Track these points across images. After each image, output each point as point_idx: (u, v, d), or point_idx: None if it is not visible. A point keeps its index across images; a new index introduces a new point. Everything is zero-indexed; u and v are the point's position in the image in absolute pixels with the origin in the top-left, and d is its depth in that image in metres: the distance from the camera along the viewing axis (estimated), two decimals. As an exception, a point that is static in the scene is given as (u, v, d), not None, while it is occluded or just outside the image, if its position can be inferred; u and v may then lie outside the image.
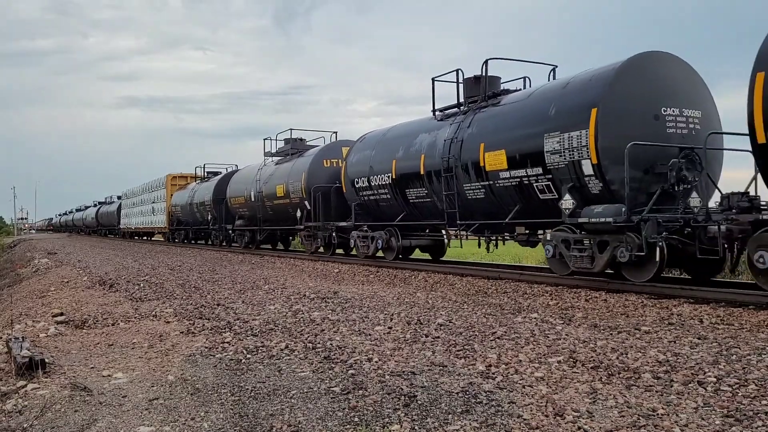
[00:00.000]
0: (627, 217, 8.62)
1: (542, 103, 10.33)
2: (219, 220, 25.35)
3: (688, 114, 9.44)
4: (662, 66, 9.48)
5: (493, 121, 11.38)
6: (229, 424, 3.67)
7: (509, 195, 10.97)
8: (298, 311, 7.62)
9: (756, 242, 7.26)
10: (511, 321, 6.60)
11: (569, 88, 10.00)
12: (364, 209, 15.60)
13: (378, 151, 14.74)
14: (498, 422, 3.49)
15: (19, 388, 4.53)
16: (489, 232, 11.96)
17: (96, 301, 9.39)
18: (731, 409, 3.57)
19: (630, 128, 8.95)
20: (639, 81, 9.24)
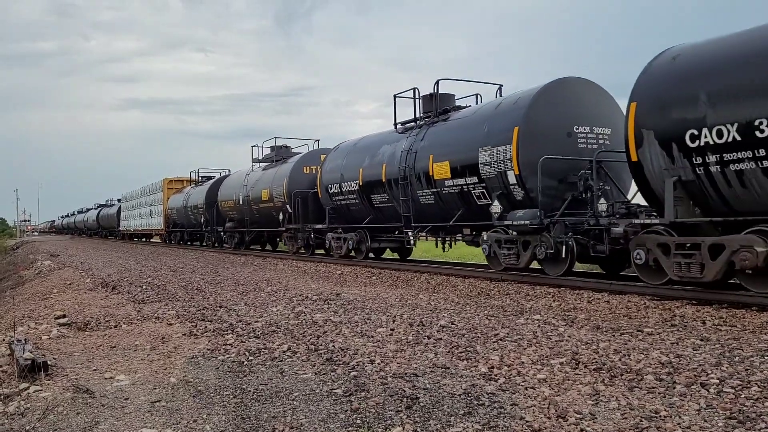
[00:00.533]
0: (540, 220, 10.13)
1: (479, 121, 11.88)
2: (211, 222, 26.54)
3: (598, 131, 10.99)
4: (575, 89, 11.04)
5: (441, 135, 12.87)
6: (231, 426, 3.68)
7: (453, 201, 12.46)
8: (301, 313, 7.63)
9: (636, 242, 8.74)
10: (513, 322, 6.59)
11: (499, 109, 11.53)
12: (337, 213, 16.91)
13: (348, 160, 16.10)
14: (500, 424, 3.48)
15: (21, 390, 4.54)
16: (443, 234, 13.34)
17: (98, 303, 9.41)
18: (734, 410, 3.56)
19: (546, 144, 10.46)
20: (554, 103, 10.79)
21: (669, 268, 8.31)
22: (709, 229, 8.19)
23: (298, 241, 18.77)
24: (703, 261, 7.85)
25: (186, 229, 31.55)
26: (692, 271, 7.97)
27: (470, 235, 12.59)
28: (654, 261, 8.50)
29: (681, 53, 8.46)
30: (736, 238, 7.55)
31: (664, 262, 8.37)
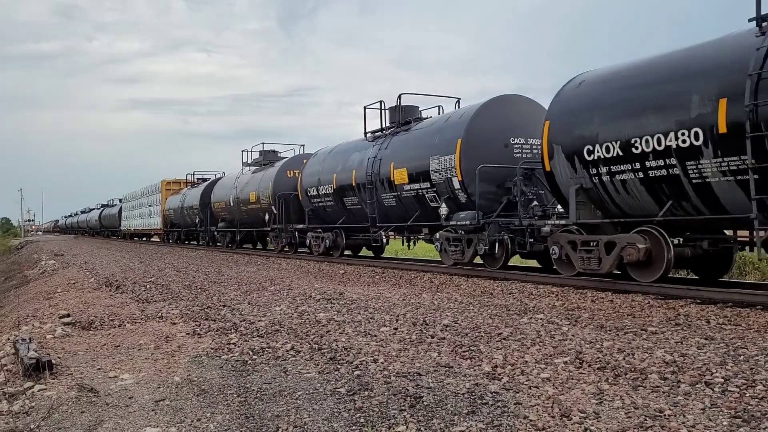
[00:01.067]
0: (478, 220, 11.61)
1: (432, 133, 13.35)
2: (205, 222, 28.02)
3: (532, 142, 12.29)
4: (512, 105, 12.51)
5: (402, 144, 14.35)
6: (235, 425, 3.68)
7: (411, 203, 13.97)
8: (304, 312, 7.63)
9: (551, 239, 10.23)
10: (517, 322, 6.59)
11: (448, 122, 13.06)
12: (316, 214, 18.41)
13: (324, 165, 17.59)
14: (504, 423, 3.48)
15: (26, 389, 4.55)
16: (407, 233, 14.92)
17: (103, 302, 9.43)
18: (739, 409, 3.55)
19: (485, 154, 11.89)
20: (493, 118, 12.23)
21: (576, 261, 9.73)
22: (608, 228, 9.55)
23: (283, 240, 20.30)
24: (600, 255, 9.26)
25: (182, 229, 32.94)
26: (592, 264, 9.38)
27: (428, 234, 14.00)
28: (566, 255, 9.93)
29: (585, 80, 9.97)
30: (624, 236, 8.96)
31: (572, 256, 9.81)
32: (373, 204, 15.09)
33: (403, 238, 15.24)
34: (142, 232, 41.97)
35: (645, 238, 8.72)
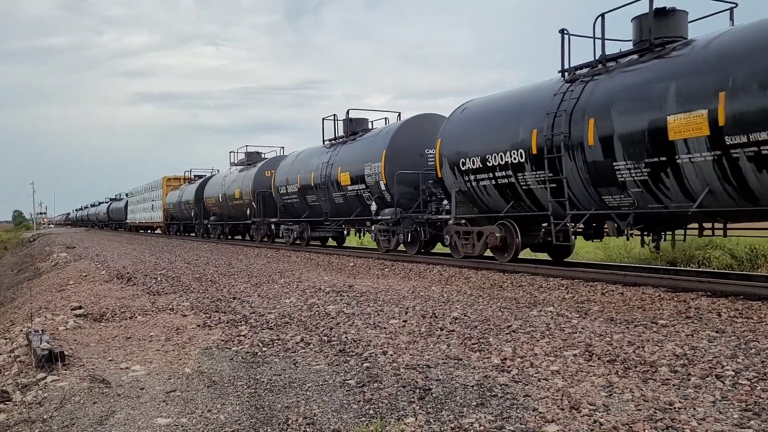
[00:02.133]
0: (396, 216, 14.59)
1: (368, 144, 16.11)
2: (199, 216, 31.05)
3: None
4: (428, 122, 15.15)
5: (347, 152, 17.09)
6: (246, 416, 3.70)
7: (354, 201, 16.71)
8: (314, 305, 7.66)
9: (445, 230, 13.16)
10: (526, 314, 6.58)
11: (379, 135, 15.92)
12: (285, 209, 21.12)
13: (292, 167, 20.35)
14: (513, 415, 3.48)
15: (39, 380, 4.60)
16: (357, 225, 17.70)
17: (114, 294, 9.50)
18: (749, 402, 3.53)
19: (404, 162, 14.76)
20: (411, 133, 15.09)
21: (460, 247, 12.67)
22: (482, 221, 12.38)
23: (261, 231, 23.29)
24: (474, 242, 12.30)
25: (181, 222, 35.93)
26: (468, 249, 12.44)
27: (369, 227, 16.67)
28: (454, 242, 12.88)
29: (467, 107, 12.87)
30: (487, 227, 11.96)
31: (458, 243, 12.77)
32: (327, 201, 17.93)
33: (354, 231, 18.27)
34: (145, 225, 44.72)
35: (501, 228, 11.68)
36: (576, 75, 10.28)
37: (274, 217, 21.81)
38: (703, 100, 7.88)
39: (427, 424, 3.40)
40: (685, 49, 8.60)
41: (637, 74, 9.02)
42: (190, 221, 33.07)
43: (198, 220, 31.30)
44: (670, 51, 8.83)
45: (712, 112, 7.74)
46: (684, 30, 9.33)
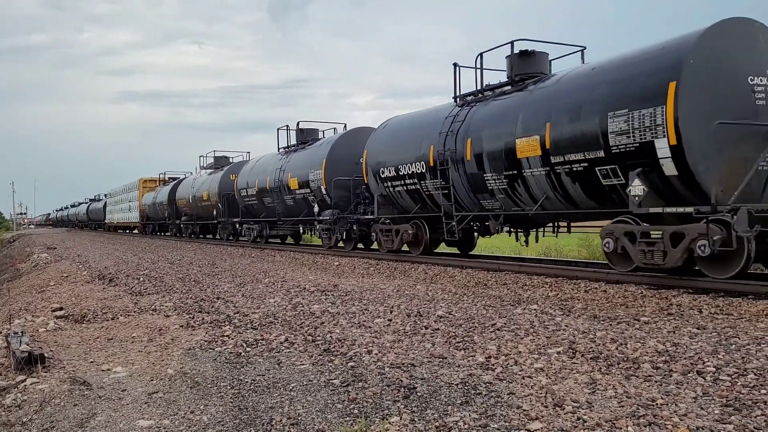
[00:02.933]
0: (334, 217, 16.83)
1: (312, 153, 18.40)
2: (172, 216, 33.30)
3: None
4: (364, 134, 16.73)
5: (297, 159, 19.35)
6: (229, 417, 3.68)
7: (302, 204, 19.07)
8: (298, 304, 7.62)
9: (372, 228, 15.48)
10: (510, 312, 6.60)
11: (321, 146, 18.14)
12: (247, 210, 23.48)
13: (252, 171, 22.65)
14: (497, 413, 3.49)
15: (18, 382, 4.53)
16: (308, 225, 19.70)
17: (95, 295, 9.39)
18: (730, 398, 3.57)
19: (341, 169, 16.86)
20: (349, 143, 17.09)
21: (384, 242, 14.91)
22: (400, 220, 14.52)
23: (226, 231, 25.73)
24: (393, 238, 14.51)
25: (156, 222, 38.27)
26: (389, 244, 14.65)
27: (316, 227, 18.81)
28: (379, 239, 15.13)
29: (388, 124, 15.12)
30: (403, 226, 14.14)
31: (382, 239, 15.02)
32: (280, 203, 20.29)
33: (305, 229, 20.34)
34: (123, 225, 46.93)
35: (413, 226, 13.92)
36: (465, 101, 12.42)
37: (237, 217, 24.23)
38: (537, 128, 10.07)
39: (412, 423, 3.40)
40: (535, 86, 10.76)
41: (502, 103, 11.24)
42: (164, 221, 35.51)
43: (171, 220, 33.72)
44: (527, 86, 10.98)
45: (542, 137, 9.94)
46: (545, 67, 11.46)
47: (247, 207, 23.13)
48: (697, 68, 8.01)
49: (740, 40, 8.35)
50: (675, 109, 7.95)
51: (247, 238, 23.48)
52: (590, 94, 9.31)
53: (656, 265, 8.40)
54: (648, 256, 8.47)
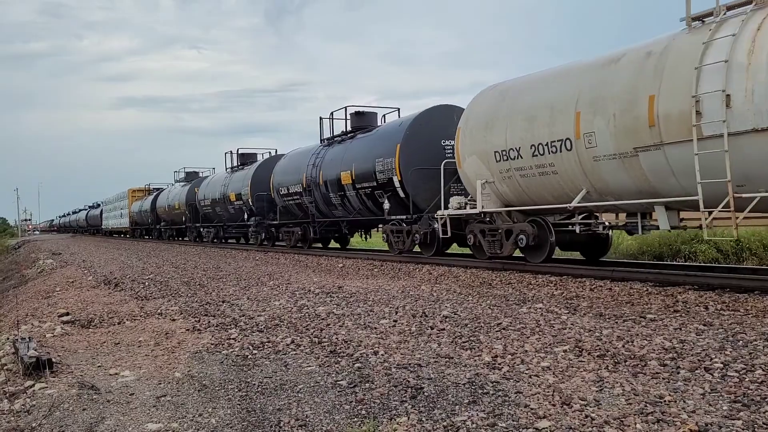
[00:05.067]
0: (256, 222, 22.19)
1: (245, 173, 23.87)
2: (154, 222, 39.30)
3: None
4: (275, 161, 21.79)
5: (235, 178, 24.83)
6: (237, 419, 3.69)
7: (239, 212, 24.04)
8: (304, 306, 7.63)
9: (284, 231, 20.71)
10: (516, 312, 6.60)
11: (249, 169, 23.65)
12: (205, 216, 29.16)
13: (207, 186, 28.59)
14: (505, 412, 3.49)
15: (26, 387, 4.55)
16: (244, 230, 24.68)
17: (101, 300, 9.42)
18: (738, 394, 3.57)
19: (261, 187, 21.75)
20: (265, 169, 22.14)
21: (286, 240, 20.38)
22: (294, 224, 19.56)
23: (192, 234, 31.69)
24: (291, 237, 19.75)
25: (142, 227, 43.81)
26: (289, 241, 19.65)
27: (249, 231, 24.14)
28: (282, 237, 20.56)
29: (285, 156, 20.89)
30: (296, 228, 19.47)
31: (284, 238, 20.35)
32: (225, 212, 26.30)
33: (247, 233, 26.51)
34: (117, 230, 52.19)
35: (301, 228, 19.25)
36: (324, 143, 18.06)
37: (198, 222, 30.34)
38: (350, 165, 15.79)
39: (420, 423, 3.40)
40: (360, 136, 16.32)
41: (339, 147, 17.04)
42: (149, 226, 41.16)
43: (153, 225, 39.54)
44: (356, 135, 16.60)
45: (352, 171, 15.67)
46: (374, 122, 16.95)
47: (206, 214, 28.89)
48: (410, 137, 13.83)
49: (440, 119, 13.95)
50: (399, 160, 13.82)
51: (207, 239, 29.50)
52: (371, 146, 15.20)
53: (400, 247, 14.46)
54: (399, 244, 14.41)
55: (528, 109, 10.21)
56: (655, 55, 8.20)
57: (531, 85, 10.63)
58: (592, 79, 9.13)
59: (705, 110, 7.40)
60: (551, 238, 10.36)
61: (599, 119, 8.80)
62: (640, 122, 8.21)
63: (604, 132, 8.74)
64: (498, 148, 10.70)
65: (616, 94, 8.59)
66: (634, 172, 8.50)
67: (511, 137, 10.41)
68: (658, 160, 8.08)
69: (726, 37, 7.36)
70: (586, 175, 9.24)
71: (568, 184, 9.62)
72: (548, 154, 9.71)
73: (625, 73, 8.55)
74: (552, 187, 9.96)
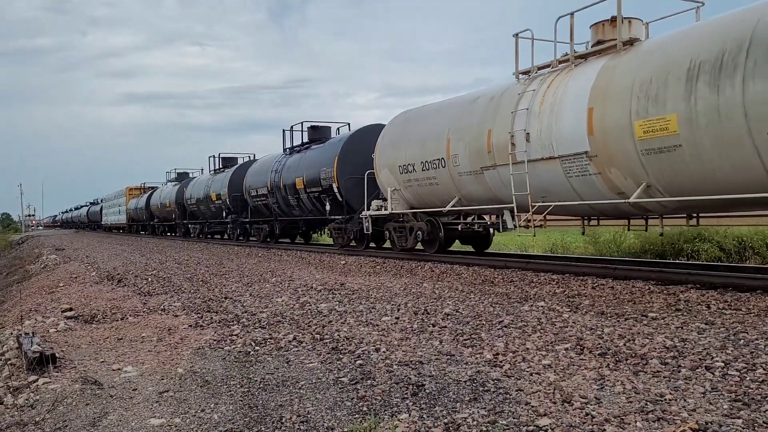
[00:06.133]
0: (232, 219, 25.92)
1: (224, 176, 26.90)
2: (148, 218, 42.49)
3: None
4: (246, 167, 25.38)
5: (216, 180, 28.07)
6: (239, 415, 3.70)
7: (219, 210, 27.37)
8: (306, 303, 7.65)
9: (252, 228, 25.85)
10: (518, 309, 6.61)
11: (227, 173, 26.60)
12: (192, 214, 32.49)
13: (192, 187, 31.98)
14: (506, 410, 3.50)
15: (30, 382, 4.58)
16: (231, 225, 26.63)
17: (105, 296, 9.45)
18: (739, 393, 3.57)
19: (236, 189, 25.01)
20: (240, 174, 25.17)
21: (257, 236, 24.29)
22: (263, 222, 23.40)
23: (181, 230, 35.20)
24: (260, 233, 23.59)
25: (138, 223, 46.71)
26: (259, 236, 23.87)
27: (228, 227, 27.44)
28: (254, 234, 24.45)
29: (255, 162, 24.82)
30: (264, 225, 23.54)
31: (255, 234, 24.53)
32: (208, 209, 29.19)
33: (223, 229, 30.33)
34: (115, 226, 55.01)
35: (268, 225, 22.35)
36: (289, 152, 20.77)
37: (186, 219, 33.76)
38: (302, 173, 18.78)
39: (421, 420, 3.42)
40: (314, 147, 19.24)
41: (297, 156, 19.91)
42: (144, 222, 44.22)
43: (148, 222, 42.66)
44: (311, 147, 19.51)
45: (303, 178, 18.60)
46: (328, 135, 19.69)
47: (192, 212, 32.13)
48: (346, 151, 16.76)
49: (371, 136, 15.66)
50: (336, 170, 16.75)
51: (194, 235, 32.89)
52: (318, 157, 18.09)
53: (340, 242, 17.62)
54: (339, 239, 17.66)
55: (420, 134, 13.22)
56: (495, 99, 11.10)
57: (424, 114, 13.62)
58: (458, 114, 12.09)
59: (516, 143, 10.21)
60: (440, 234, 13.35)
61: (461, 145, 11.70)
62: (483, 149, 11.09)
63: (463, 155, 11.66)
64: (401, 163, 13.61)
65: (471, 126, 11.46)
66: (483, 185, 11.40)
67: (410, 155, 13.37)
68: (495, 176, 10.94)
69: (530, 91, 10.18)
70: (456, 186, 12.15)
71: (446, 193, 12.52)
72: (431, 169, 12.67)
73: (478, 111, 11.46)
74: (436, 195, 12.87)
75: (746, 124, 6.94)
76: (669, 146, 7.79)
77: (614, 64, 8.83)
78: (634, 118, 8.15)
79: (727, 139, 7.16)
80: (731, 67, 7.05)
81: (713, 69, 7.24)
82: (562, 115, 9.34)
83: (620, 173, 8.62)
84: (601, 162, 8.79)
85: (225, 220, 26.58)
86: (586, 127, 8.88)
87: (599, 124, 8.70)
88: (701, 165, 7.57)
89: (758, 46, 6.84)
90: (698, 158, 7.55)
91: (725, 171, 7.38)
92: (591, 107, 8.82)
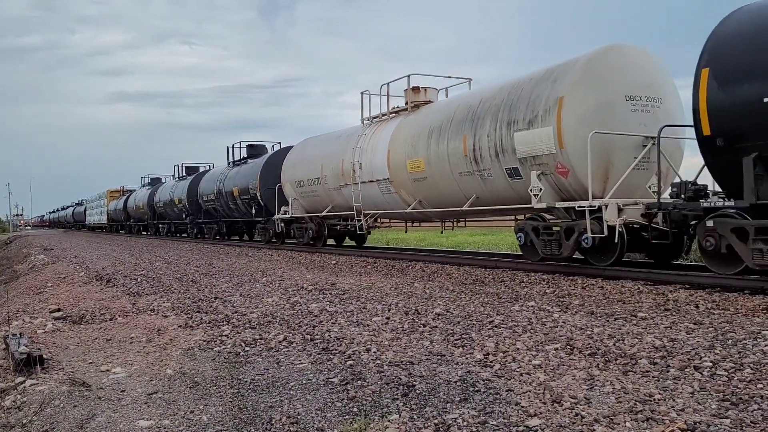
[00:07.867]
0: (189, 220, 30.79)
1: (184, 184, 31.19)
2: (125, 219, 46.30)
3: None
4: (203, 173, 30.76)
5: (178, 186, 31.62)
6: (228, 416, 3.69)
7: (181, 212, 30.77)
8: (296, 303, 7.63)
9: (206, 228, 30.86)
10: (508, 309, 6.62)
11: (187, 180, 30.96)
12: (160, 215, 36.11)
13: (161, 191, 35.62)
14: (496, 410, 3.51)
15: (17, 384, 4.54)
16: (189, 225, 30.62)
17: (93, 296, 9.39)
18: (727, 393, 3.60)
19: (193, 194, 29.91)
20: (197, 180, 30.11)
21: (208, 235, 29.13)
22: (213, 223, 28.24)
23: (152, 229, 39.47)
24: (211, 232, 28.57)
25: (117, 223, 50.40)
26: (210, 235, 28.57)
27: None
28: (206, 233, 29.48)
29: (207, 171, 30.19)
30: (213, 226, 27.82)
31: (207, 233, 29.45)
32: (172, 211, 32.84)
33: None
34: (98, 225, 58.62)
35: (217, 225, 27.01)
36: (232, 165, 25.09)
37: (156, 220, 37.52)
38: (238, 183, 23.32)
39: (411, 421, 3.42)
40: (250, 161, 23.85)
41: (236, 169, 24.27)
42: (122, 222, 48.09)
43: (125, 222, 46.76)
44: (246, 162, 24.18)
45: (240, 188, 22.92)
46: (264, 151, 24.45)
47: (161, 213, 35.98)
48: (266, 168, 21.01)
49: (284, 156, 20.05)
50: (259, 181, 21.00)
51: (164, 233, 36.70)
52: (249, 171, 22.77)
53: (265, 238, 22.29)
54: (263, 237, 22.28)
55: (309, 158, 17.84)
56: (353, 136, 15.72)
57: (313, 144, 18.35)
58: (328, 146, 17.10)
59: (355, 169, 15.11)
60: (324, 232, 17.94)
61: (328, 168, 16.55)
62: (339, 172, 15.98)
63: (330, 175, 16.50)
64: (297, 179, 18.25)
65: (334, 155, 16.35)
66: (342, 197, 16.22)
67: (302, 173, 18.02)
68: (348, 192, 15.59)
69: (363, 134, 15.31)
70: (328, 197, 17.05)
71: (324, 202, 17.38)
72: (315, 185, 17.40)
73: (339, 145, 16.39)
74: (319, 203, 17.63)
75: (449, 166, 11.96)
76: (422, 177, 12.90)
77: (403, 122, 14.11)
78: (407, 158, 13.25)
79: (444, 173, 12.15)
80: (444, 131, 12.18)
81: (438, 132, 12.36)
82: (376, 153, 14.46)
83: (405, 192, 13.70)
84: (396, 185, 13.87)
85: (185, 221, 30.71)
86: (387, 162, 13.98)
87: (393, 161, 13.80)
88: (438, 189, 12.62)
89: (452, 123, 12.03)
90: (436, 185, 12.60)
91: (448, 193, 12.34)
92: (389, 149, 13.99)
